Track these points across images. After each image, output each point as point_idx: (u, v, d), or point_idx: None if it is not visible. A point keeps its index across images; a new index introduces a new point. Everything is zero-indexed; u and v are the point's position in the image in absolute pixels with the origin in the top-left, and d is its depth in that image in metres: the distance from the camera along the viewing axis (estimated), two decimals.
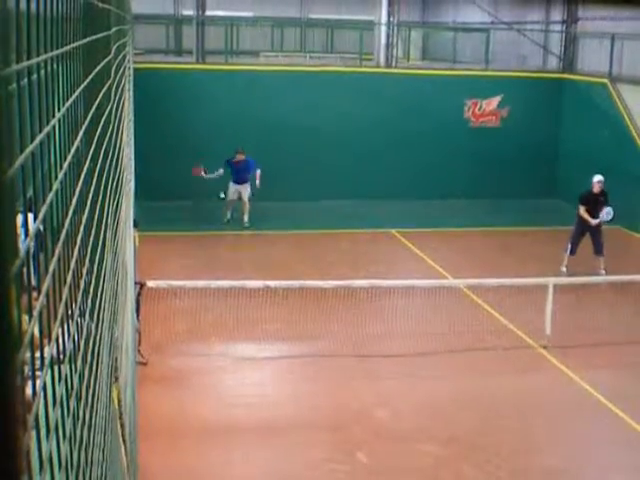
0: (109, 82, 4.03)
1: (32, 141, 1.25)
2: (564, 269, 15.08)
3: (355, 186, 20.76)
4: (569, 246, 15.31)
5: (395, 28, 22.30)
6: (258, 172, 18.14)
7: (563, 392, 10.64)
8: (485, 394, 10.45)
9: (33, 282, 1.24)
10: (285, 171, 20.40)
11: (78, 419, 1.65)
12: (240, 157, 18.42)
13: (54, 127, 1.52)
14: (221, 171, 18.41)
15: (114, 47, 4.93)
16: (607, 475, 8.91)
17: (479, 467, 8.71)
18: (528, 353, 11.80)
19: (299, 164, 20.58)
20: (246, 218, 18.37)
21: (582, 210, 15.27)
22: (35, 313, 1.18)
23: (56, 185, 1.51)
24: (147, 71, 19.03)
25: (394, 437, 9.27)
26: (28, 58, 1.24)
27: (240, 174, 18.43)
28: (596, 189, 15.29)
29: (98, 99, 3.04)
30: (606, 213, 15.12)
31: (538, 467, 8.82)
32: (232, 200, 18.54)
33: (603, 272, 14.89)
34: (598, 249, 15.35)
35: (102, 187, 3.01)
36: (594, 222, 15.09)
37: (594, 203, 15.19)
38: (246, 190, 18.32)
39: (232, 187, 18.52)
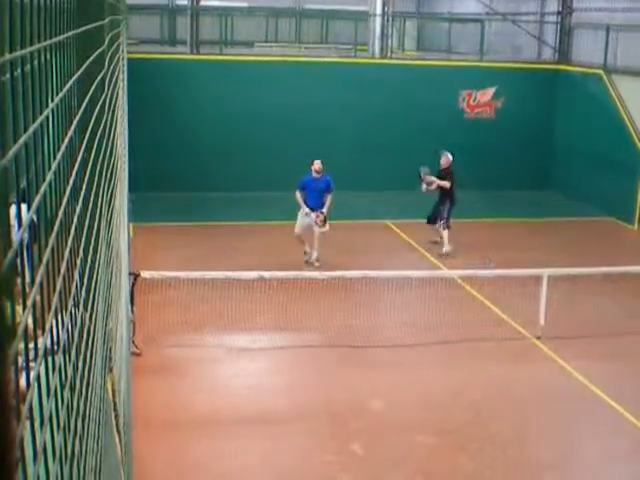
0: (103, 72, 4.02)
1: (25, 131, 1.24)
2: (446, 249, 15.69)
3: (349, 177, 20.72)
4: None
5: (390, 19, 22.25)
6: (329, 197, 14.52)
7: (557, 383, 10.68)
8: (479, 385, 10.48)
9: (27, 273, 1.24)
10: (279, 161, 20.37)
11: (72, 409, 1.65)
12: (318, 168, 14.72)
13: (47, 117, 1.52)
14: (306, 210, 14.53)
15: (108, 37, 4.92)
16: (600, 465, 8.95)
17: (474, 458, 8.74)
18: (522, 344, 11.83)
19: (293, 155, 20.54)
20: (315, 254, 14.66)
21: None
22: (29, 304, 1.18)
23: (50, 176, 1.51)
24: (141, 61, 18.96)
25: (389, 428, 9.29)
26: (21, 48, 1.24)
27: (316, 195, 14.62)
28: (442, 162, 16.37)
29: (92, 89, 3.03)
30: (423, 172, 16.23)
31: (532, 457, 8.85)
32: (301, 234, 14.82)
33: (439, 240, 15.85)
34: (431, 218, 16.22)
35: (96, 177, 3.00)
36: (423, 188, 16.25)
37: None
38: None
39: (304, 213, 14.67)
